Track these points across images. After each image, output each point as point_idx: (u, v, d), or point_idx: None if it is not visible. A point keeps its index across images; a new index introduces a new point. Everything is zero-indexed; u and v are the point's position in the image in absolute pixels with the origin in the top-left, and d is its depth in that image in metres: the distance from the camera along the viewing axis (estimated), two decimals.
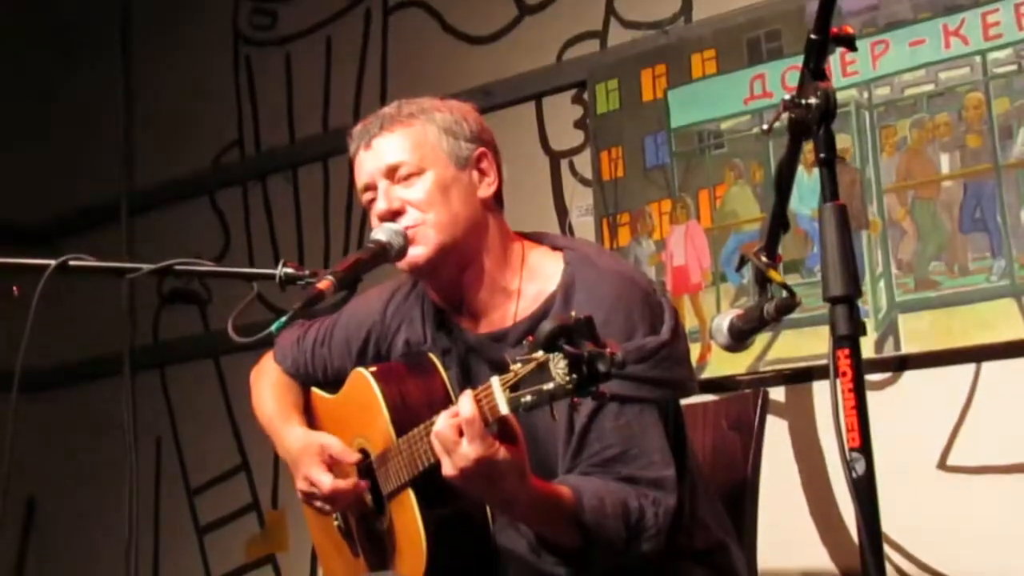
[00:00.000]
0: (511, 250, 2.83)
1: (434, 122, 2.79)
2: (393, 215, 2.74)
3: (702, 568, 2.75)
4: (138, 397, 5.92)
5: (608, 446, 2.57)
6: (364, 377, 2.89)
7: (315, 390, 3.20)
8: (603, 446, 2.58)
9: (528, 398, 2.23)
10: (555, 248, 2.84)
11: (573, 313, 2.20)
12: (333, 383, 3.11)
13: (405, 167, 2.75)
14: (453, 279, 2.81)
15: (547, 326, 2.19)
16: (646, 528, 2.52)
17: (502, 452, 2.33)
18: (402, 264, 2.77)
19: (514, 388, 2.25)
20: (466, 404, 2.33)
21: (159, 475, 5.84)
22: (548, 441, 2.63)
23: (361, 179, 2.82)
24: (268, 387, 3.24)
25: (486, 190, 2.81)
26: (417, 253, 2.74)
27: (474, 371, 2.79)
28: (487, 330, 2.80)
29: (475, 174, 2.81)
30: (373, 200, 2.79)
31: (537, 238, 2.90)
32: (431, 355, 2.85)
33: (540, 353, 2.20)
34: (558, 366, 2.18)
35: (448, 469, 2.37)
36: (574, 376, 2.17)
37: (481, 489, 2.40)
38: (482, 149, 2.83)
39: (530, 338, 2.22)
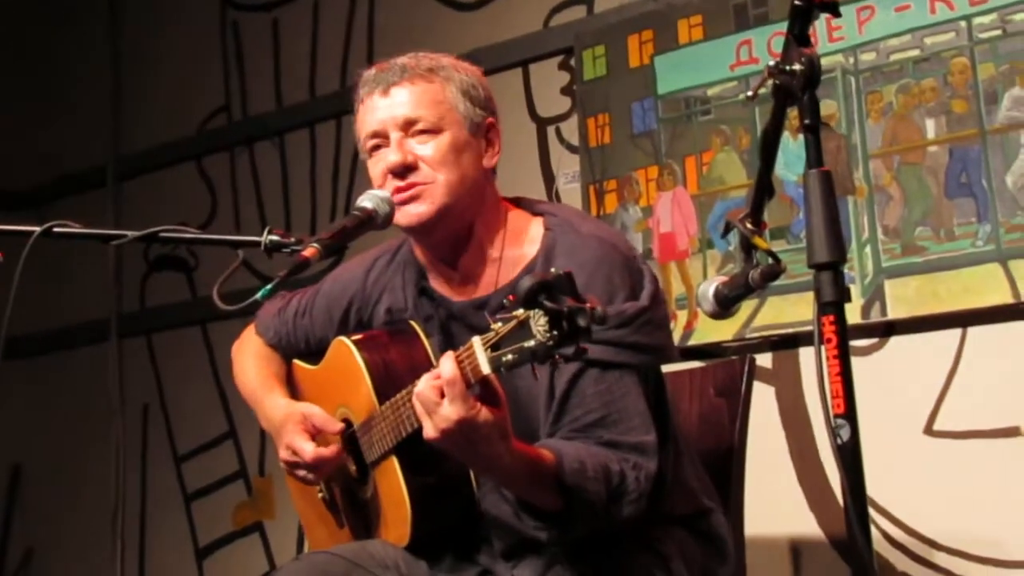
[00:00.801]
0: (498, 218, 2.82)
1: (454, 82, 2.77)
2: (405, 168, 2.72)
3: (686, 532, 2.76)
4: (125, 364, 5.91)
5: (589, 411, 2.58)
6: (346, 345, 2.89)
7: (297, 361, 3.19)
8: (584, 411, 2.58)
9: (509, 356, 2.23)
10: (537, 213, 2.84)
11: (553, 269, 2.20)
12: (315, 353, 3.11)
13: (423, 122, 2.73)
14: (446, 241, 2.80)
15: (527, 282, 2.18)
16: (627, 492, 2.53)
17: (484, 413, 2.33)
18: (400, 219, 2.75)
19: (495, 347, 2.25)
20: (447, 365, 2.33)
21: (146, 442, 5.82)
22: (530, 406, 2.63)
23: (369, 124, 2.78)
24: (250, 359, 3.24)
25: (490, 160, 2.82)
26: (420, 211, 2.73)
27: (456, 338, 2.78)
28: (469, 297, 2.81)
29: (483, 142, 2.81)
30: (377, 148, 2.78)
31: (520, 203, 2.90)
32: (413, 322, 2.85)
33: (520, 311, 2.20)
34: (539, 323, 2.17)
35: (429, 431, 2.37)
36: (555, 332, 2.16)
37: (462, 451, 2.40)
38: (492, 118, 2.83)
39: (511, 297, 2.22)
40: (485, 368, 2.27)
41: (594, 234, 2.73)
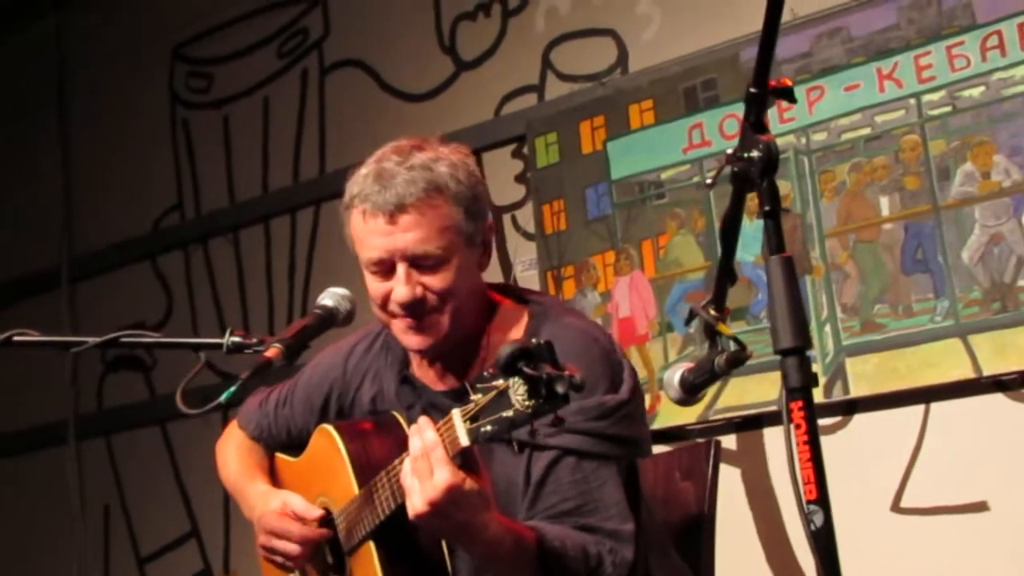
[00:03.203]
0: (485, 308, 2.81)
1: (455, 198, 2.66)
2: (416, 304, 2.67)
3: None
4: (84, 466, 5.86)
5: (565, 499, 2.57)
6: (329, 433, 2.88)
7: (279, 455, 3.18)
8: (560, 498, 2.57)
9: (488, 427, 2.23)
10: (521, 301, 2.83)
11: (533, 339, 2.20)
12: (298, 445, 3.09)
13: (431, 258, 2.65)
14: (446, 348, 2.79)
15: (507, 348, 2.17)
16: (604, 575, 2.52)
17: (469, 481, 2.33)
18: (404, 342, 2.74)
19: (474, 419, 2.25)
20: (429, 432, 2.34)
21: (108, 544, 5.77)
22: (507, 493, 2.61)
23: (373, 250, 2.67)
24: (232, 452, 3.22)
25: (486, 262, 2.78)
26: (426, 340, 2.70)
27: None
28: (452, 385, 2.79)
29: (480, 248, 2.75)
30: (379, 270, 2.69)
31: (506, 290, 2.89)
32: (396, 413, 2.83)
33: (500, 380, 2.20)
34: (518, 392, 2.17)
35: (417, 504, 2.35)
36: (533, 400, 2.16)
37: (448, 522, 2.38)
38: (490, 221, 2.77)
39: (491, 367, 2.21)
40: (464, 440, 2.27)
41: (576, 325, 2.73)
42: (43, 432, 6.00)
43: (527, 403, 2.17)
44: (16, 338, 2.78)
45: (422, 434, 2.35)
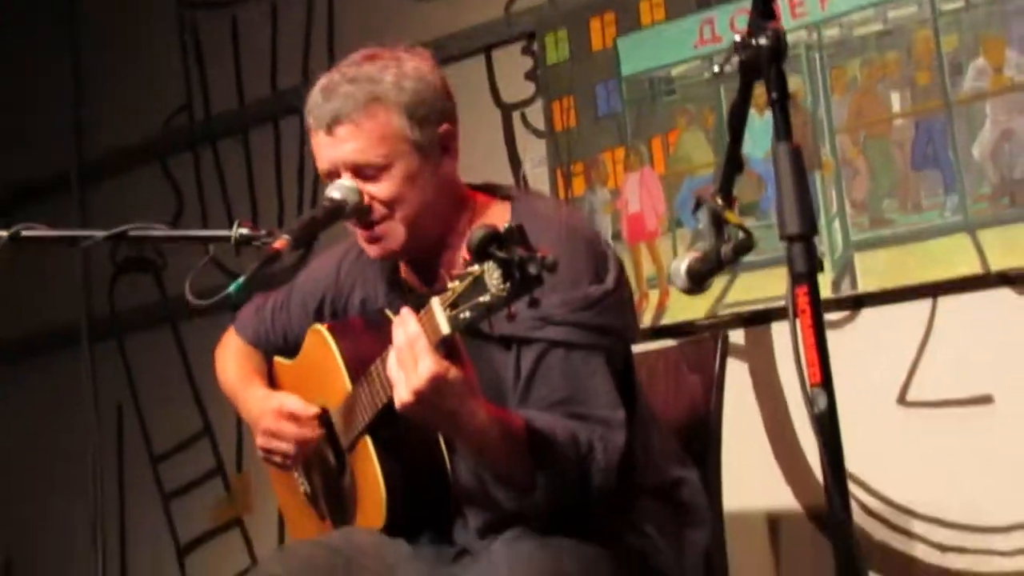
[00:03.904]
0: (464, 208, 2.82)
1: (400, 106, 2.69)
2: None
3: (659, 502, 2.77)
4: (98, 367, 5.90)
5: (555, 390, 2.59)
6: (320, 333, 2.91)
7: (277, 358, 3.22)
8: (550, 390, 2.59)
9: (467, 314, 2.25)
10: (504, 198, 2.84)
11: (504, 224, 2.22)
12: (294, 350, 3.12)
13: (370, 166, 2.69)
14: (417, 253, 2.81)
15: (477, 233, 2.21)
16: (595, 460, 2.54)
17: (453, 370, 2.35)
18: (374, 253, 2.77)
19: (453, 306, 2.27)
20: (410, 322, 2.36)
21: (121, 444, 5.82)
22: (496, 389, 2.62)
23: (320, 161, 2.75)
24: (231, 357, 3.26)
25: (449, 165, 2.78)
26: (383, 250, 2.75)
27: None
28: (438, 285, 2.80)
29: (438, 153, 2.76)
30: (331, 181, 2.74)
31: (487, 189, 2.90)
32: (387, 311, 2.85)
33: (475, 267, 2.22)
34: (492, 277, 2.20)
35: (403, 395, 2.37)
36: (508, 284, 2.18)
37: (435, 412, 2.41)
38: (446, 126, 2.77)
39: (465, 254, 2.23)
40: (444, 328, 2.29)
41: (559, 218, 2.74)
42: (56, 334, 6.04)
43: (502, 287, 2.19)
44: (24, 232, 2.79)
45: (405, 326, 2.37)
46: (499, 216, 2.75)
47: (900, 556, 3.76)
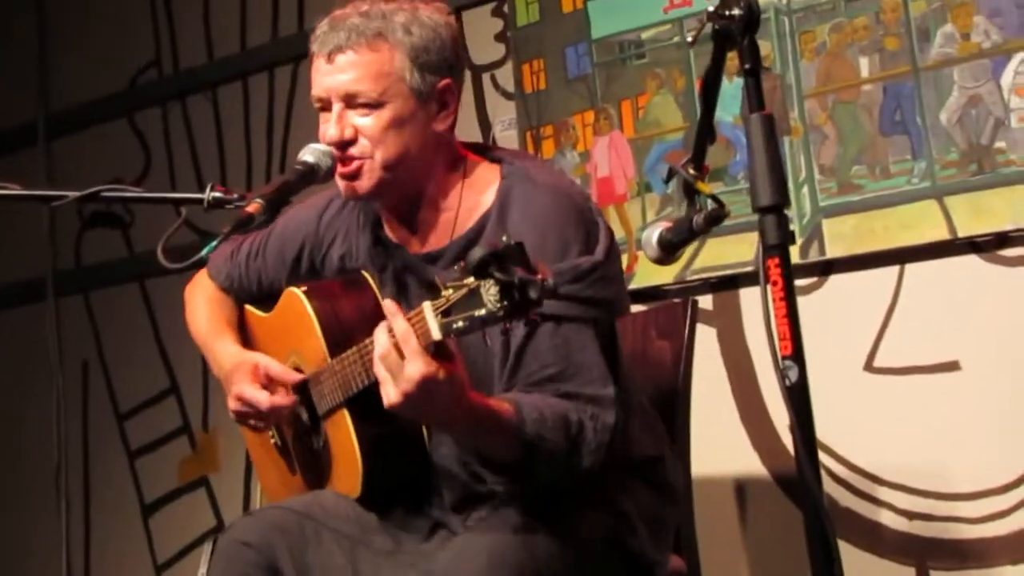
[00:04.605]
0: (456, 168, 2.80)
1: (404, 47, 2.68)
2: (343, 143, 2.70)
3: (638, 481, 2.78)
4: (63, 322, 5.87)
5: (545, 365, 2.58)
6: (296, 296, 2.89)
7: (249, 308, 3.18)
8: (540, 365, 2.58)
9: (460, 323, 2.22)
10: (495, 160, 2.82)
11: (504, 238, 2.19)
12: (269, 297, 3.10)
13: (363, 97, 2.68)
14: (396, 202, 2.80)
15: (477, 253, 2.17)
16: (586, 441, 2.53)
17: (442, 372, 2.31)
18: (341, 189, 2.76)
19: (446, 313, 2.24)
20: (400, 325, 2.32)
21: (87, 400, 5.80)
22: (485, 361, 2.63)
23: (315, 87, 2.74)
24: (202, 304, 3.22)
25: (443, 122, 2.76)
26: (357, 186, 2.73)
27: (409, 289, 2.79)
28: (424, 248, 2.79)
29: (435, 106, 2.74)
30: (323, 110, 2.74)
31: (481, 150, 2.88)
32: (365, 273, 2.84)
33: (472, 279, 2.19)
34: (489, 292, 2.17)
35: (391, 396, 2.34)
36: (505, 303, 2.16)
37: (425, 412, 2.40)
38: (447, 81, 2.75)
39: (462, 264, 2.21)
40: (436, 334, 2.26)
41: (550, 184, 2.72)
42: (21, 288, 6.01)
43: (498, 304, 2.17)
44: None
45: (394, 323, 2.34)
46: (490, 181, 2.76)
47: (867, 522, 3.79)
